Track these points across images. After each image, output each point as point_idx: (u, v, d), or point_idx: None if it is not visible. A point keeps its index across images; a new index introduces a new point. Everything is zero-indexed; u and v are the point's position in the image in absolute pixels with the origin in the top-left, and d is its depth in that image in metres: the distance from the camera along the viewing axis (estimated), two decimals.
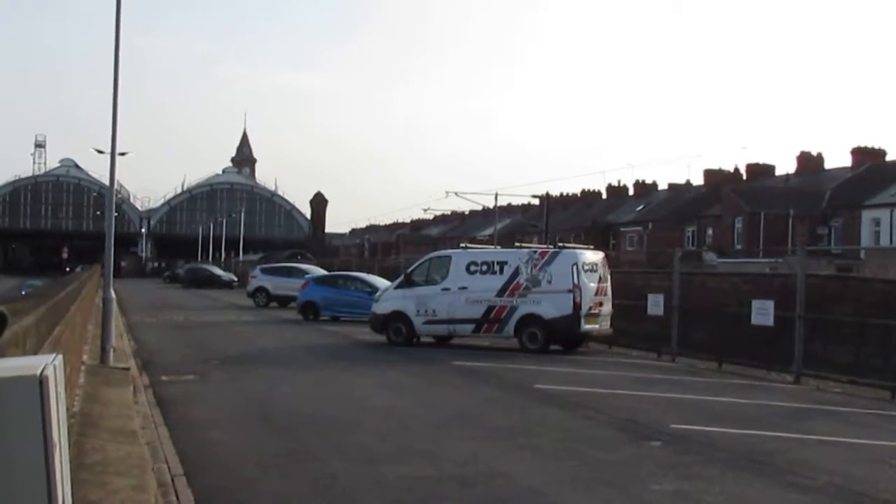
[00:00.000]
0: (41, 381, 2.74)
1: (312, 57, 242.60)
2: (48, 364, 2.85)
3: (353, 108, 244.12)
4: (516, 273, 22.91)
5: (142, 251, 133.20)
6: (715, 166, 78.79)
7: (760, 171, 72.72)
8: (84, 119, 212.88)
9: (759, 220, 59.29)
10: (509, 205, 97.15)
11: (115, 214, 23.57)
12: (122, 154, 30.25)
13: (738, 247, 59.48)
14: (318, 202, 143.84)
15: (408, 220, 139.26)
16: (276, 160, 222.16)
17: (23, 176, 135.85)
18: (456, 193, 63.75)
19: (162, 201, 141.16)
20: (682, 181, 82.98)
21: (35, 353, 6.70)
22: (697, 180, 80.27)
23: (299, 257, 74.91)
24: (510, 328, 22.94)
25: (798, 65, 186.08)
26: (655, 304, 22.97)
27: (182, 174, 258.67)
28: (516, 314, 22.78)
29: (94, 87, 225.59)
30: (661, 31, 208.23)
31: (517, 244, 26.30)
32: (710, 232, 67.31)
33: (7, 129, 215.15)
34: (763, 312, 19.09)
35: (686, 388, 16.76)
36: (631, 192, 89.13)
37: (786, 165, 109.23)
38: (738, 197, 62.45)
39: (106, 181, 24.07)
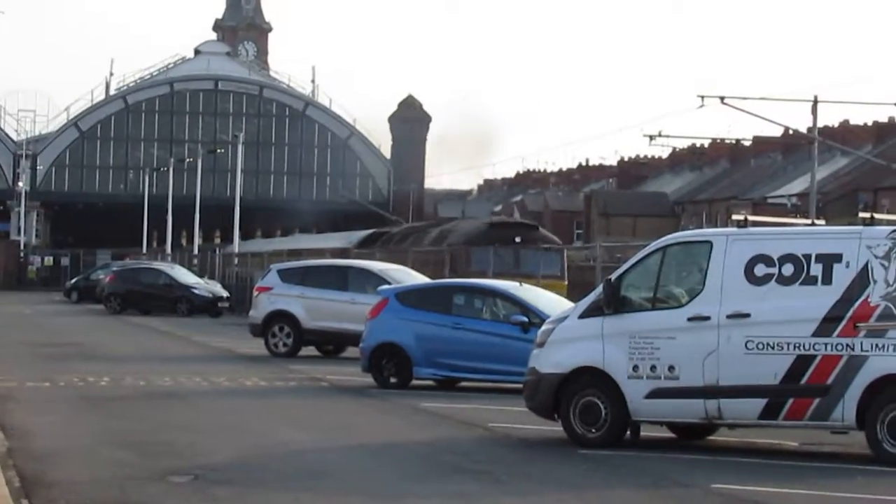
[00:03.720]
0: None
1: None
2: None
3: None
4: (863, 280, 15.91)
5: (20, 232, 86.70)
6: None
7: None
8: None
9: None
10: (845, 124, 63.00)
11: None
12: None
13: None
14: (409, 120, 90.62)
15: (611, 162, 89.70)
16: (313, 30, 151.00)
17: None
18: (722, 100, 39.69)
19: (64, 119, 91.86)
20: None
21: None
22: None
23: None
24: (847, 408, 15.67)
25: None
26: None
27: (107, 60, 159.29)
28: (862, 375, 15.63)
29: None
30: None
31: (863, 216, 19.43)
32: None
33: None
34: None
35: None
36: None
37: None
38: None
39: None
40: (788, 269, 16.21)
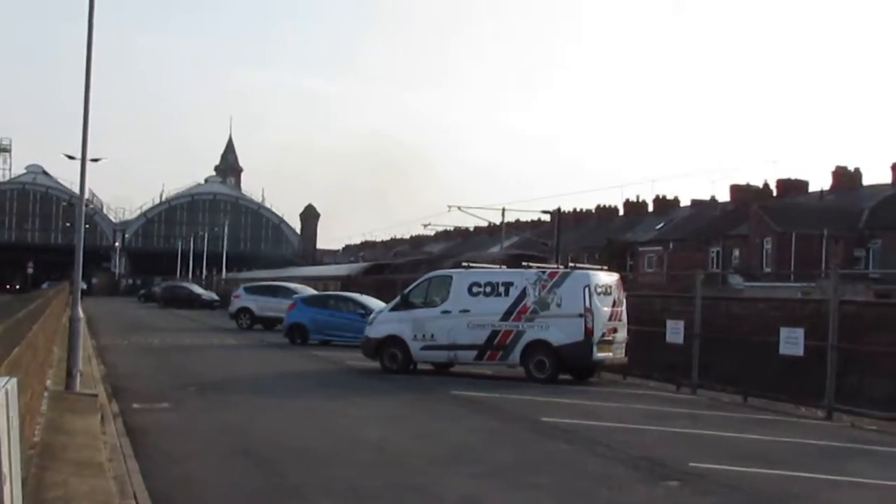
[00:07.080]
0: None
1: (311, 58, 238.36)
2: None
3: (350, 114, 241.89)
4: (523, 295, 22.95)
5: (115, 267, 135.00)
6: (742, 181, 79.02)
7: (792, 188, 72.82)
8: (54, 122, 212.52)
9: (790, 240, 59.33)
10: (517, 221, 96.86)
11: (86, 226, 23.50)
12: (95, 160, 30.77)
13: (767, 270, 59.49)
14: (309, 216, 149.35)
15: (407, 237, 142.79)
16: (265, 170, 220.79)
17: None
18: (459, 208, 62.44)
19: (138, 212, 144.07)
20: (706, 197, 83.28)
21: None
22: (723, 196, 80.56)
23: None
24: (516, 355, 22.99)
25: (834, 73, 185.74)
26: (675, 332, 22.85)
27: (161, 183, 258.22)
28: (522, 340, 22.85)
29: (66, 86, 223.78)
30: (685, 37, 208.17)
31: (524, 264, 26.01)
32: (736, 253, 67.43)
33: None
34: (792, 341, 18.96)
35: (707, 424, 16.74)
36: (650, 208, 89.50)
37: (820, 181, 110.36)
38: (767, 215, 62.49)
39: (76, 189, 24.04)
40: (489, 289, 23.34)
